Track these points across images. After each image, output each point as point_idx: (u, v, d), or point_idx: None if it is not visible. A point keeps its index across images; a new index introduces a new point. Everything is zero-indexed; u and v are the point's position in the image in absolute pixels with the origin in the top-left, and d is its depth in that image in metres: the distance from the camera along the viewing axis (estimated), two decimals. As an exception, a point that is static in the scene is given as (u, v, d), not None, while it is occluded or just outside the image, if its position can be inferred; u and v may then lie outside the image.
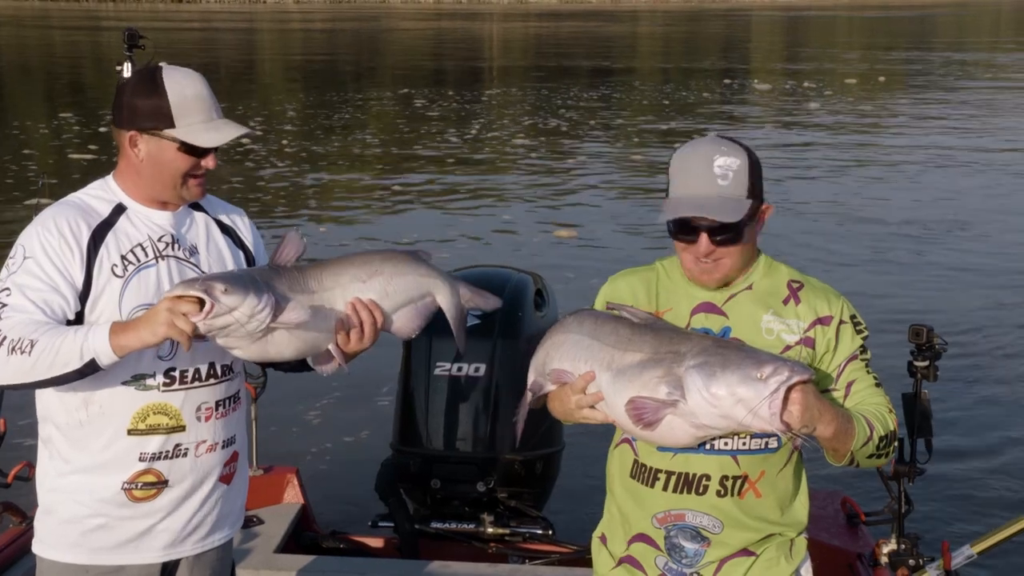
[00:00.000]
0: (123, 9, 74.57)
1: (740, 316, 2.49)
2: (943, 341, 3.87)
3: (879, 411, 2.47)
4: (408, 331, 2.70)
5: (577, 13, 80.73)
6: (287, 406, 6.64)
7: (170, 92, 2.59)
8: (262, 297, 2.41)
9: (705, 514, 2.51)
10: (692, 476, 2.50)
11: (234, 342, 2.47)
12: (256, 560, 4.15)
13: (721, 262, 2.45)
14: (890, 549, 3.87)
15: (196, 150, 2.62)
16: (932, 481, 5.02)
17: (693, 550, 2.54)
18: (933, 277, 10.82)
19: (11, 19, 59.03)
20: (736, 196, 2.41)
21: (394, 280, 2.65)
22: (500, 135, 20.73)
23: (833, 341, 2.49)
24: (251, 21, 63.31)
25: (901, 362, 3.93)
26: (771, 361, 2.23)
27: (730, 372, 2.22)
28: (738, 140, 2.49)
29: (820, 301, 2.51)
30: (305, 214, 13.72)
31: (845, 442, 2.38)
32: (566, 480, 4.69)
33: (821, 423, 2.28)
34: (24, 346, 2.42)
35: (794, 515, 2.60)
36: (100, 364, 2.45)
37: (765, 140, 19.35)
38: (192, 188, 2.68)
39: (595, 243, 11.88)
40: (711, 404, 2.23)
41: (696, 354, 2.27)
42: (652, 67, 38.27)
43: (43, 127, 20.67)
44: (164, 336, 2.39)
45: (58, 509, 2.70)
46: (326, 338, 2.57)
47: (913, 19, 77.03)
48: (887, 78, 32.47)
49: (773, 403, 2.19)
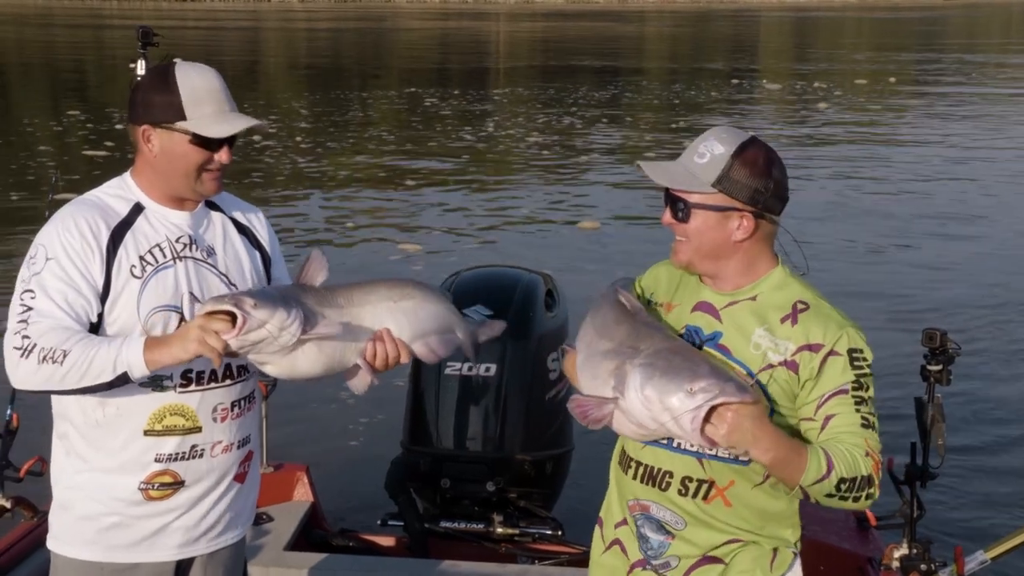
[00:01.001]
0: (127, 7, 74.50)
1: (734, 324, 2.46)
2: (956, 345, 3.85)
3: (851, 452, 2.32)
4: (430, 358, 2.75)
5: (584, 13, 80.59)
6: (298, 404, 6.64)
7: (181, 86, 2.60)
8: (291, 311, 2.44)
9: (668, 509, 2.51)
10: (656, 470, 2.51)
11: (265, 358, 2.49)
12: (266, 558, 4.15)
13: (681, 243, 2.47)
14: (901, 554, 3.84)
15: (209, 143, 2.62)
16: (945, 485, 5.01)
17: (657, 542, 2.54)
18: (946, 277, 10.80)
19: (15, 17, 59.05)
20: (698, 176, 2.41)
21: (424, 306, 2.69)
22: (514, 133, 20.77)
23: (816, 370, 2.38)
24: (256, 20, 63.29)
25: (914, 365, 3.92)
26: (709, 376, 2.22)
27: (667, 378, 2.24)
28: (753, 140, 2.46)
29: (816, 327, 2.41)
30: (317, 212, 13.73)
31: (790, 474, 2.30)
32: (576, 480, 4.68)
33: (756, 448, 2.23)
34: (56, 356, 2.44)
35: (775, 526, 2.53)
36: (132, 378, 2.47)
37: (776, 136, 19.34)
38: (207, 183, 2.67)
39: (612, 239, 11.92)
40: (643, 405, 2.26)
41: (648, 354, 2.30)
42: (661, 67, 38.23)
43: (55, 124, 20.71)
44: (195, 353, 2.42)
45: (74, 506, 2.70)
46: (354, 354, 2.58)
47: (923, 20, 76.84)
48: (897, 79, 32.42)
49: (695, 418, 2.19)
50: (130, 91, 2.69)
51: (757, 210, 2.42)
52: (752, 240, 2.45)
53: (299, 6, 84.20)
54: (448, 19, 69.47)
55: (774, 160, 2.46)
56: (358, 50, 43.24)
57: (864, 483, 2.33)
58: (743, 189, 2.40)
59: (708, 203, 2.42)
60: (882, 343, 8.03)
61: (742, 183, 2.40)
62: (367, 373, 2.60)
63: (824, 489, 2.31)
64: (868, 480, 2.34)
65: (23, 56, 37.14)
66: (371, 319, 2.60)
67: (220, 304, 2.40)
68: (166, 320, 2.60)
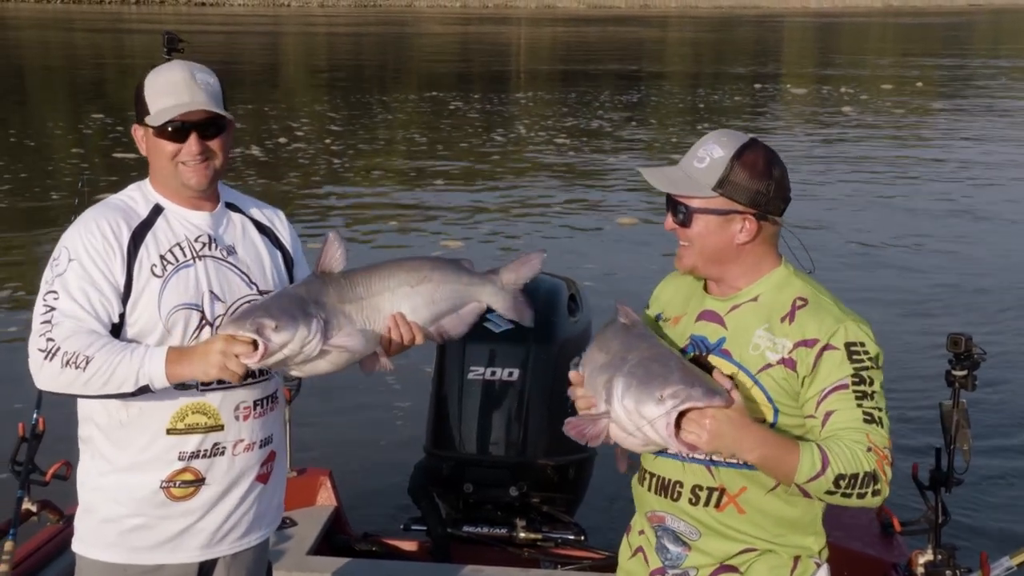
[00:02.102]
0: (146, 12, 74.74)
1: (737, 328, 2.46)
2: (981, 350, 3.82)
3: (851, 448, 2.28)
4: (454, 335, 2.76)
5: (606, 18, 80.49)
6: (321, 408, 6.66)
7: (149, 83, 2.67)
8: (311, 326, 2.49)
9: (682, 520, 2.51)
10: (667, 481, 2.50)
11: (289, 369, 2.59)
12: (289, 562, 4.16)
13: (685, 248, 2.48)
14: (926, 560, 3.82)
15: (175, 135, 2.64)
16: (970, 491, 4.97)
17: (675, 552, 2.54)
18: (972, 282, 10.71)
19: (35, 22, 59.45)
20: (698, 180, 2.41)
21: (442, 287, 2.70)
22: (543, 135, 20.85)
23: (811, 366, 2.36)
24: (276, 24, 63.46)
25: (938, 369, 3.90)
26: (678, 383, 2.24)
27: (642, 387, 2.26)
28: (752, 142, 2.45)
29: (812, 322, 2.39)
30: (343, 212, 13.79)
31: (783, 472, 2.29)
32: (599, 486, 4.67)
33: (739, 449, 2.24)
34: (79, 361, 2.48)
35: (797, 534, 2.49)
36: (153, 389, 2.53)
37: (801, 140, 19.29)
38: (185, 174, 2.67)
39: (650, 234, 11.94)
40: (626, 415, 2.27)
41: (632, 364, 2.32)
42: (684, 71, 38.13)
43: (84, 127, 20.83)
44: (216, 377, 2.51)
45: (98, 508, 2.72)
46: (373, 343, 2.63)
47: (949, 25, 76.38)
48: (924, 83, 32.25)
49: (668, 424, 2.21)
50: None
51: (759, 212, 2.42)
52: (755, 242, 2.45)
53: (319, 11, 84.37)
54: (469, 24, 69.49)
55: (774, 161, 2.45)
56: (380, 54, 43.34)
57: (868, 479, 2.28)
58: (744, 192, 2.41)
59: (710, 207, 2.42)
60: (906, 348, 8.09)
61: (743, 186, 2.40)
62: (381, 357, 2.65)
63: (822, 487, 2.28)
64: (872, 476, 2.28)
65: (48, 60, 37.40)
66: (389, 306, 2.64)
67: (242, 330, 2.44)
68: (187, 318, 2.63)
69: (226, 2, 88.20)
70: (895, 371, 6.82)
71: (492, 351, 4.24)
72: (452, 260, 2.80)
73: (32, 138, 19.71)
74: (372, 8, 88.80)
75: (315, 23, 67.00)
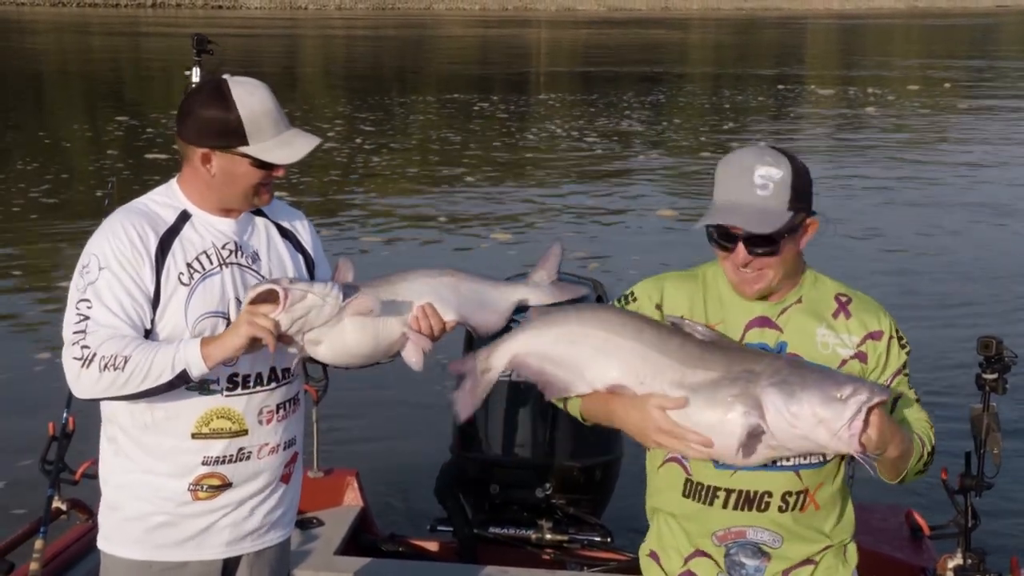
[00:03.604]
0: (162, 15, 74.94)
1: (795, 330, 2.47)
2: (1012, 353, 3.80)
3: (923, 427, 2.47)
4: (489, 325, 2.74)
5: (627, 21, 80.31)
6: (348, 409, 6.67)
7: (241, 108, 2.60)
8: (327, 282, 2.57)
9: (766, 530, 2.49)
10: (754, 493, 2.47)
11: (316, 334, 2.56)
12: (315, 562, 4.18)
13: (762, 272, 2.42)
14: (955, 564, 3.80)
15: (268, 164, 2.66)
16: (1000, 495, 4.92)
17: (754, 566, 2.52)
18: (999, 286, 10.63)
19: (53, 26, 59.68)
20: (775, 207, 2.38)
21: (465, 281, 2.73)
22: (574, 133, 20.97)
23: (884, 356, 2.48)
24: (293, 27, 63.50)
25: (968, 373, 3.88)
26: (849, 381, 2.23)
27: (810, 391, 2.20)
28: (785, 151, 2.45)
29: (870, 316, 2.49)
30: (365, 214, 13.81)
31: (907, 461, 2.39)
32: (625, 487, 4.65)
33: (891, 444, 2.28)
34: (118, 362, 2.50)
35: (845, 521, 2.60)
36: (191, 375, 2.53)
37: (824, 143, 19.22)
38: (263, 197, 2.74)
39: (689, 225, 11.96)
40: (791, 424, 2.22)
41: (773, 373, 2.25)
42: (707, 72, 38.02)
43: (114, 129, 20.98)
44: (248, 335, 2.48)
45: (123, 506, 2.74)
46: (400, 325, 2.63)
47: (976, 27, 75.87)
48: (952, 84, 32.06)
49: (854, 424, 2.18)
50: (183, 101, 2.71)
51: (812, 212, 2.46)
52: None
53: (336, 14, 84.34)
54: (489, 27, 69.46)
55: (798, 159, 2.48)
56: (400, 57, 43.39)
57: (933, 452, 2.48)
58: (806, 199, 2.43)
59: (787, 229, 2.39)
60: (936, 351, 8.02)
61: (805, 193, 2.43)
62: (417, 341, 2.63)
63: (918, 467, 2.44)
64: (935, 449, 2.49)
65: (67, 64, 37.66)
66: (409, 294, 2.66)
67: (261, 286, 2.50)
68: (214, 326, 2.65)
69: (242, 5, 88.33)
70: (924, 373, 6.78)
71: (519, 352, 4.23)
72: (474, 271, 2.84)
73: (65, 139, 19.88)
74: (391, 11, 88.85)
75: (333, 26, 67.11)
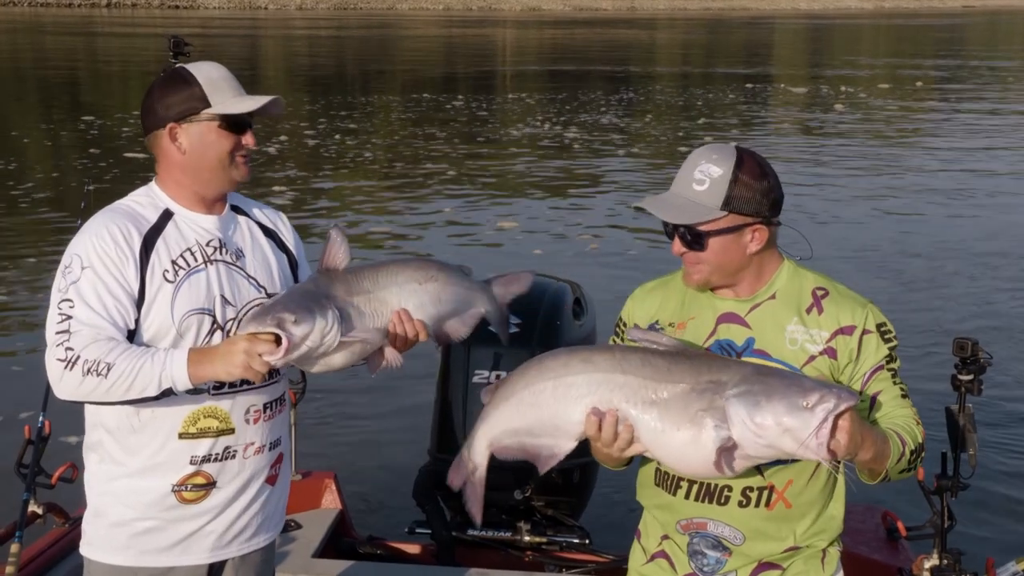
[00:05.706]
0: (117, 16, 73.81)
1: (764, 326, 2.49)
2: (988, 355, 3.83)
3: (907, 424, 2.44)
4: (456, 336, 2.83)
5: (593, 21, 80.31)
6: (326, 412, 6.65)
7: (199, 76, 2.67)
8: (328, 317, 2.53)
9: (726, 524, 2.50)
10: (713, 486, 2.49)
11: (307, 364, 2.61)
12: (294, 565, 4.16)
13: (697, 266, 2.47)
14: (932, 564, 3.82)
15: (236, 127, 2.67)
16: (976, 496, 4.97)
17: (714, 558, 2.54)
18: (976, 286, 10.70)
19: (6, 26, 58.83)
20: (705, 203, 2.41)
21: (447, 288, 2.76)
22: (537, 132, 21.03)
23: (855, 352, 2.46)
24: (254, 27, 62.94)
25: (943, 372, 3.90)
26: (816, 388, 2.20)
27: (775, 401, 2.19)
28: (743, 152, 2.46)
29: (843, 310, 2.48)
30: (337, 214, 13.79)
31: (883, 463, 2.37)
32: (603, 489, 4.67)
33: (863, 449, 2.27)
34: (100, 369, 2.48)
35: (828, 521, 2.56)
36: (176, 392, 2.53)
37: (795, 145, 19.33)
38: (240, 167, 2.72)
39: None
40: (756, 435, 2.21)
41: (737, 383, 2.24)
42: (676, 72, 38.14)
43: (91, 130, 20.82)
44: (240, 377, 2.52)
45: (108, 512, 2.72)
46: (382, 338, 2.67)
47: (943, 27, 76.50)
48: (923, 83, 32.34)
49: (821, 433, 2.17)
50: (143, 99, 2.73)
51: (765, 219, 2.46)
52: (764, 246, 2.49)
53: (298, 13, 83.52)
54: (452, 26, 69.23)
55: (765, 165, 2.49)
56: (364, 56, 43.22)
57: (921, 449, 2.46)
58: (749, 203, 2.43)
59: (721, 227, 2.43)
60: (910, 351, 8.04)
61: (747, 198, 2.43)
62: (391, 359, 2.68)
63: (901, 466, 2.41)
64: (922, 446, 2.46)
65: (23, 62, 37.24)
66: (396, 301, 2.67)
67: (263, 326, 2.47)
68: (199, 323, 2.64)
69: (200, 5, 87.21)
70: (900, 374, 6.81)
71: (497, 355, 4.22)
72: (455, 265, 2.85)
73: (44, 138, 19.74)
74: (352, 11, 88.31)
75: (294, 26, 66.58)
